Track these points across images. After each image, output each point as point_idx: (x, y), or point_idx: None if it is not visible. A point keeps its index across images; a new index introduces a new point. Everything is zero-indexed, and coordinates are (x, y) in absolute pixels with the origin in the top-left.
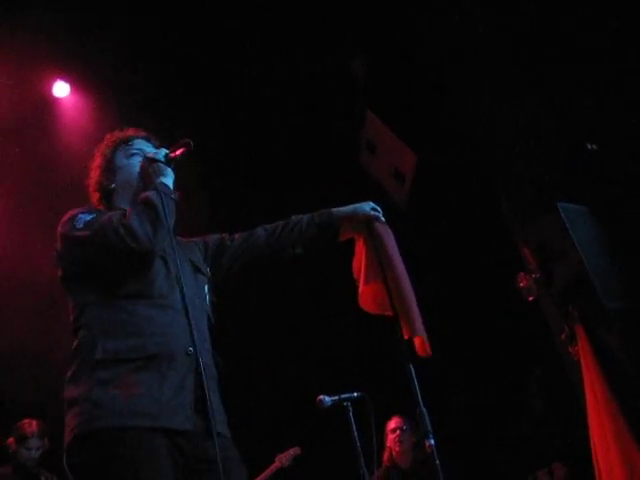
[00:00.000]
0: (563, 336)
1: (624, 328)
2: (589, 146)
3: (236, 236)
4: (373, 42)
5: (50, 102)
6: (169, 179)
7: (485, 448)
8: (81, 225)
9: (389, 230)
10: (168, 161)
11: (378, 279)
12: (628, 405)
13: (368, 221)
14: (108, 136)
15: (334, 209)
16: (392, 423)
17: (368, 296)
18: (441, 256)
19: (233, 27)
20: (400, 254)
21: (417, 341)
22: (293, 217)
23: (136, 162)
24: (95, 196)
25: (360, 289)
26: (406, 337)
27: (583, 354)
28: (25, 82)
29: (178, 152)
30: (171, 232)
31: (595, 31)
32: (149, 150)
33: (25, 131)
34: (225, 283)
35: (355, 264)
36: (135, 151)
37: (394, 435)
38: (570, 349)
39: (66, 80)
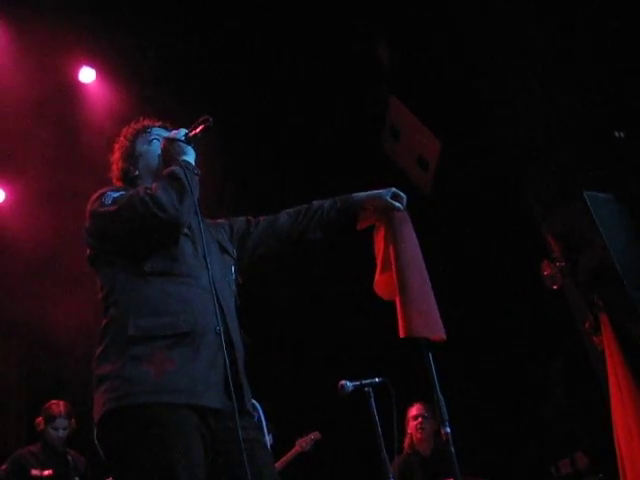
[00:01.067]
0: (587, 325)
1: None
2: (616, 134)
3: (260, 220)
4: (398, 28)
5: (76, 88)
6: (190, 157)
7: (507, 437)
8: (109, 201)
9: (409, 221)
10: (188, 140)
11: (392, 268)
12: None
13: (388, 209)
14: (125, 129)
15: (355, 194)
16: (414, 410)
17: (383, 284)
18: (464, 243)
19: (260, 8)
20: (421, 243)
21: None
22: (315, 202)
23: (156, 147)
24: (117, 182)
25: (376, 277)
26: (402, 336)
27: (607, 344)
28: (51, 68)
29: (197, 130)
30: (198, 210)
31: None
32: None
33: (52, 116)
34: (249, 267)
35: (376, 251)
36: (154, 137)
37: (416, 422)
38: (594, 338)
39: (92, 66)
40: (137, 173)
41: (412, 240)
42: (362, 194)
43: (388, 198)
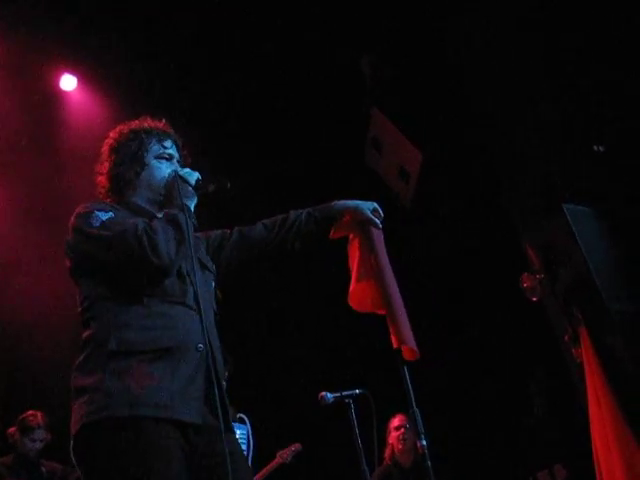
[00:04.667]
0: (566, 337)
1: (627, 330)
2: (596, 148)
3: (234, 231)
4: (381, 40)
5: (57, 95)
6: (192, 204)
7: (486, 448)
8: (97, 223)
9: (382, 238)
10: (197, 188)
11: (372, 278)
12: (630, 408)
13: (365, 223)
14: (138, 122)
15: (333, 202)
16: (396, 421)
17: (360, 294)
18: (444, 255)
19: (244, 18)
20: (399, 253)
21: (404, 347)
22: (291, 212)
23: (164, 168)
24: (104, 181)
25: (351, 287)
26: (395, 346)
27: (586, 357)
28: (32, 75)
29: (211, 188)
30: (191, 246)
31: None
32: (177, 155)
33: (32, 124)
34: (225, 279)
35: (350, 261)
36: (167, 156)
37: (398, 433)
38: (573, 351)
39: (73, 73)
40: (134, 179)
41: (386, 258)
42: (340, 203)
43: (368, 212)
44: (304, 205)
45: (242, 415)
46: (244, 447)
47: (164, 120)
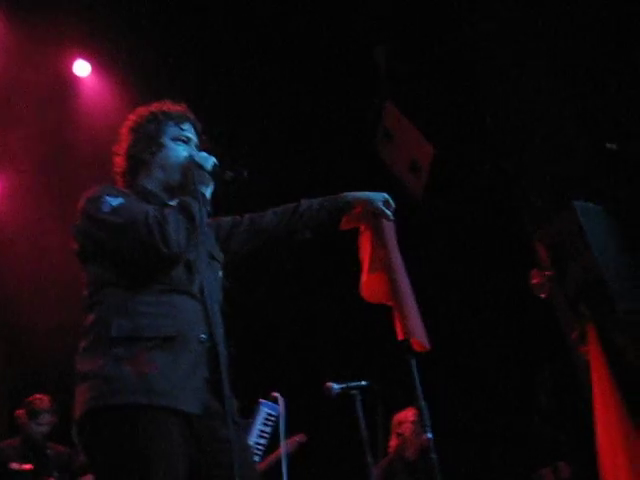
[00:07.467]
0: (574, 335)
1: (635, 328)
2: (608, 145)
3: (244, 219)
4: (396, 32)
5: (71, 81)
6: (209, 191)
7: (490, 444)
8: (107, 209)
9: (393, 229)
10: (213, 174)
11: (383, 269)
12: (637, 407)
13: (377, 214)
14: (157, 104)
15: (345, 193)
16: (410, 415)
17: (372, 285)
18: (453, 250)
19: (257, 10)
20: (410, 248)
21: (414, 340)
22: (303, 201)
23: (181, 151)
24: (120, 161)
25: (364, 278)
26: (400, 338)
27: (593, 355)
28: (46, 61)
29: (227, 175)
30: (203, 236)
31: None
32: (195, 139)
33: (45, 109)
34: (234, 267)
35: (361, 253)
36: (184, 138)
37: (413, 426)
38: (581, 349)
39: (87, 59)
40: (147, 159)
41: (397, 250)
42: (352, 194)
43: (380, 204)
44: (315, 196)
45: (276, 394)
46: (268, 429)
47: (184, 104)
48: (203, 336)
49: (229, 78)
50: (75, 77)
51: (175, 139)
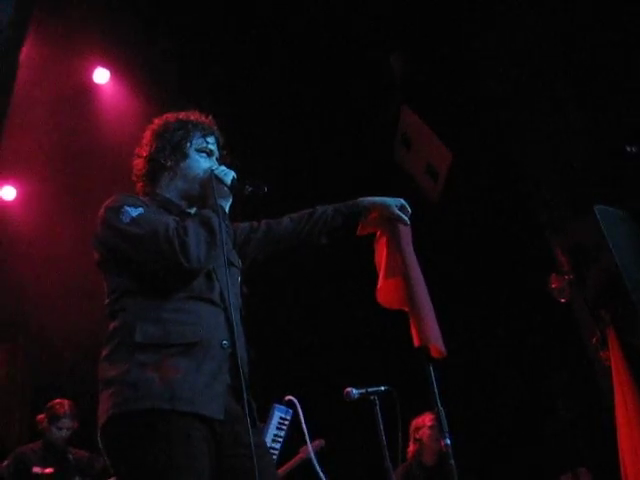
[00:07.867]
0: (594, 340)
1: None
2: (628, 148)
3: (261, 224)
4: (412, 37)
5: (90, 88)
6: (227, 204)
7: (509, 450)
8: (127, 219)
9: (409, 234)
10: (232, 188)
11: (399, 275)
12: None
13: (393, 219)
14: (185, 113)
15: (360, 199)
16: (428, 420)
17: (388, 291)
18: (471, 255)
19: (274, 16)
20: (427, 252)
21: (431, 345)
22: (318, 207)
23: (202, 162)
24: (140, 164)
25: (380, 284)
26: (416, 344)
27: (614, 359)
28: (66, 68)
29: (248, 189)
30: (223, 248)
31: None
32: (217, 153)
33: (65, 116)
34: (251, 272)
35: (377, 258)
36: (208, 151)
37: (432, 432)
38: (601, 354)
39: (106, 67)
40: (171, 167)
41: (413, 256)
42: (368, 199)
43: (396, 209)
44: (332, 201)
45: (291, 397)
46: (282, 433)
47: (210, 116)
48: (225, 342)
49: (247, 84)
50: (94, 84)
51: (199, 150)
